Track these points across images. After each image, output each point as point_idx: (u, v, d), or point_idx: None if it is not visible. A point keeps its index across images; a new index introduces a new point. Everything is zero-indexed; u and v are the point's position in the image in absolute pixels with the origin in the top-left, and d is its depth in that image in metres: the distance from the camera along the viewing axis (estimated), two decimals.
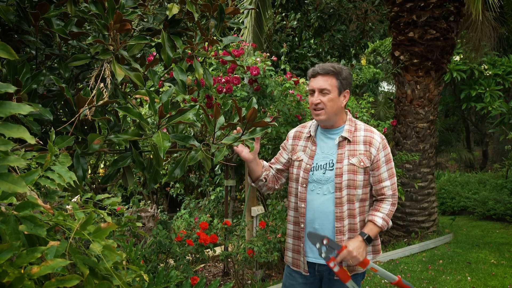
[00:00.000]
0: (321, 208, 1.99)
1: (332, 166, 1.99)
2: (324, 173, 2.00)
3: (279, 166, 2.18)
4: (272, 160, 2.22)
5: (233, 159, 4.06)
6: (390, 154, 2.05)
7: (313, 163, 2.03)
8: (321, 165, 2.02)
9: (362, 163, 1.97)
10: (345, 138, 2.01)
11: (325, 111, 1.98)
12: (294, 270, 2.11)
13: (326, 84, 1.97)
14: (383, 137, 2.05)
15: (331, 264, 1.88)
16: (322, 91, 1.98)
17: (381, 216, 1.98)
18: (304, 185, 2.03)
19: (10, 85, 0.87)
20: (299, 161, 2.08)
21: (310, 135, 2.10)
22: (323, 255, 1.90)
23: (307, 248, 2.06)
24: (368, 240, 1.95)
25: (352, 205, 1.98)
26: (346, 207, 1.97)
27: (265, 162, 2.20)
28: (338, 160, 1.99)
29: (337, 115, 2.03)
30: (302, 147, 2.11)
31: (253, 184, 2.19)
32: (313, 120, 2.12)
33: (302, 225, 2.04)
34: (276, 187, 2.20)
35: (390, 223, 2.01)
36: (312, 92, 2.01)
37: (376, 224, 1.97)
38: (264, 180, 2.15)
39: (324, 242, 1.89)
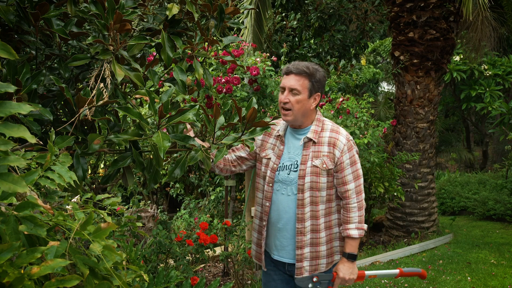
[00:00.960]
0: (285, 209, 2.00)
1: (296, 168, 1.97)
2: (288, 174, 1.99)
3: (243, 154, 2.13)
4: (238, 146, 2.15)
5: None
6: (356, 156, 1.99)
7: (279, 163, 2.02)
8: (286, 165, 2.00)
9: (324, 165, 1.94)
10: (310, 139, 1.98)
11: (292, 112, 1.95)
12: (269, 268, 2.12)
13: (297, 84, 1.93)
14: (350, 138, 2.00)
15: None
16: (292, 91, 1.94)
17: (354, 226, 1.97)
18: (271, 184, 2.02)
19: (10, 85, 0.87)
20: (267, 159, 2.06)
21: (279, 134, 2.07)
22: None
23: (272, 246, 2.07)
24: (353, 257, 1.97)
25: (315, 207, 1.96)
26: (308, 209, 1.96)
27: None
28: (302, 162, 1.96)
29: (304, 116, 1.99)
30: (271, 145, 2.08)
31: (202, 167, 2.16)
32: None
33: (265, 223, 2.05)
34: (233, 169, 2.14)
35: (365, 226, 2.01)
36: (283, 90, 1.97)
37: (353, 237, 1.97)
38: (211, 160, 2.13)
39: (314, 280, 1.94)
